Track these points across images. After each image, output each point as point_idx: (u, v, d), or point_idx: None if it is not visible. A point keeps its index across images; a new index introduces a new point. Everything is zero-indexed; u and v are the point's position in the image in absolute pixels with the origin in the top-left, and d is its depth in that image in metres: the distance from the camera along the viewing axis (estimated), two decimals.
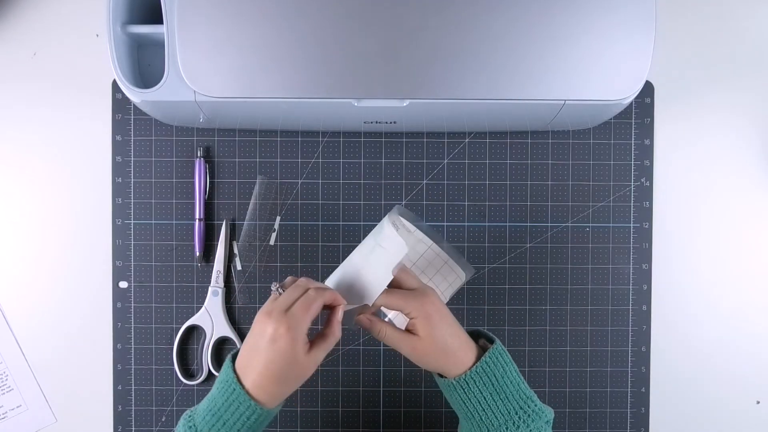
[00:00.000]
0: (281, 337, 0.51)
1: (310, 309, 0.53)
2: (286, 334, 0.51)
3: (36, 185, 0.73)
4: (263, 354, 0.52)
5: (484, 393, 0.56)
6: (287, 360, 0.52)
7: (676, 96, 0.74)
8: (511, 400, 0.56)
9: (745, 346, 0.74)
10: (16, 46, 0.72)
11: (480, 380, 0.56)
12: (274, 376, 0.52)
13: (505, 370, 0.57)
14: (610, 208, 0.74)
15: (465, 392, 0.56)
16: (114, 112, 0.73)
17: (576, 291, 0.74)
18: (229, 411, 0.52)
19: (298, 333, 0.52)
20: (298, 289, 0.54)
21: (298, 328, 0.52)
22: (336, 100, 0.60)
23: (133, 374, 0.73)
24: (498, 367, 0.56)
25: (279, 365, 0.52)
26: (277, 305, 0.53)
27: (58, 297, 0.73)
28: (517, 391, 0.57)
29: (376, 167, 0.74)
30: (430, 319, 0.56)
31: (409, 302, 0.56)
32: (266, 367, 0.52)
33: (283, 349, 0.51)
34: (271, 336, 0.52)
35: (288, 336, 0.51)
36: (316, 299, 0.53)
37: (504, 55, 0.59)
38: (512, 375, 0.57)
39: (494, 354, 0.57)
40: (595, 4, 0.59)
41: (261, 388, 0.52)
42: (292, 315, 0.52)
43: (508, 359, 0.57)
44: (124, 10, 0.62)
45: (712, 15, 0.74)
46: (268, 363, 0.52)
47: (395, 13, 0.59)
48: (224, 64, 0.59)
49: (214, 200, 0.73)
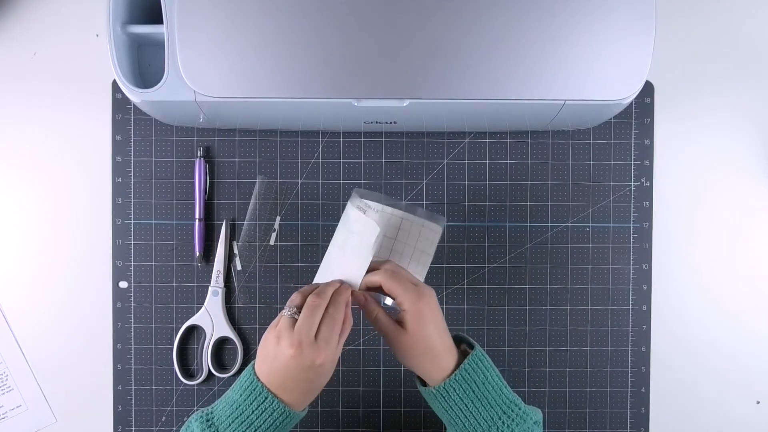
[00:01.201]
0: (322, 367, 0.52)
1: (334, 329, 0.53)
2: (329, 363, 0.53)
3: (36, 185, 0.73)
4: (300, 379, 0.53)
5: (465, 401, 0.55)
6: (326, 378, 0.54)
7: (676, 96, 0.74)
8: (494, 406, 0.56)
9: (745, 346, 0.74)
10: (16, 46, 0.72)
11: (460, 388, 0.55)
12: (308, 391, 0.54)
13: (486, 376, 0.56)
14: (610, 208, 0.74)
15: (446, 400, 0.56)
16: (114, 112, 0.73)
17: (576, 291, 0.74)
18: (260, 417, 0.53)
19: (336, 357, 0.53)
20: (316, 309, 0.54)
21: (335, 354, 0.53)
22: (336, 100, 0.60)
23: (133, 374, 0.73)
24: (479, 374, 0.56)
25: (318, 385, 0.54)
26: (305, 335, 0.52)
27: (58, 297, 0.73)
28: (500, 396, 0.56)
29: (376, 167, 0.74)
30: (420, 316, 0.55)
31: (407, 293, 0.55)
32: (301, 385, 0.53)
33: (326, 375, 0.53)
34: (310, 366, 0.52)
35: (331, 364, 0.53)
36: (339, 313, 0.54)
37: (504, 55, 0.59)
38: (494, 380, 0.56)
39: (474, 360, 0.56)
40: (595, 4, 0.59)
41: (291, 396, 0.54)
42: (326, 343, 0.52)
43: (489, 364, 0.57)
44: (124, 10, 0.62)
45: (712, 15, 0.74)
46: (305, 383, 0.53)
47: (395, 13, 0.59)
48: (224, 64, 0.59)
49: (214, 200, 0.73)
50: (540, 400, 0.74)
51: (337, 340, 0.53)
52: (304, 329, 0.52)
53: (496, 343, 0.74)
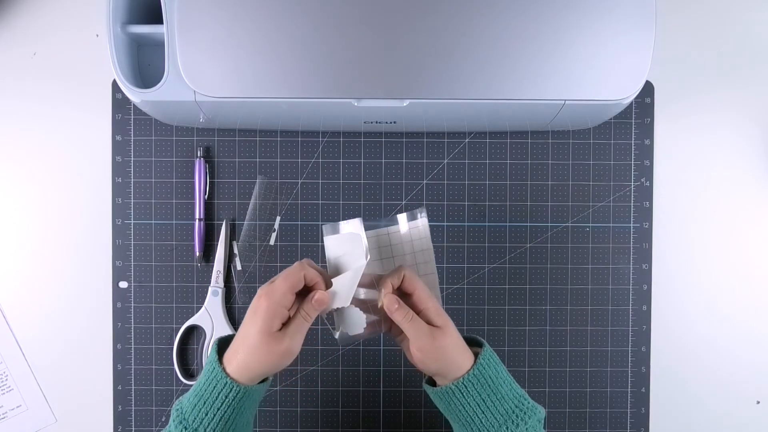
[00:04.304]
0: (259, 308, 0.52)
1: (288, 278, 0.53)
2: (264, 302, 0.52)
3: (36, 185, 0.73)
4: (243, 328, 0.53)
5: (482, 395, 0.56)
6: (260, 335, 0.52)
7: (676, 96, 0.74)
8: (507, 400, 0.56)
9: (745, 346, 0.74)
10: (16, 46, 0.72)
11: (477, 382, 0.56)
12: (248, 350, 0.53)
13: (497, 370, 0.57)
14: (610, 208, 0.74)
15: (464, 396, 0.56)
16: (114, 112, 0.73)
17: (576, 291, 0.74)
18: (209, 390, 0.53)
19: (274, 302, 0.52)
20: (290, 271, 0.54)
21: (274, 297, 0.53)
22: (336, 100, 0.60)
23: (133, 374, 0.73)
24: (491, 368, 0.56)
25: (253, 340, 0.52)
26: (266, 284, 0.54)
27: (58, 297, 0.73)
28: (511, 390, 0.57)
29: (376, 167, 0.74)
30: (442, 310, 0.57)
31: (426, 288, 0.57)
32: (243, 341, 0.53)
33: (259, 323, 0.52)
34: (253, 307, 0.53)
35: (265, 305, 0.52)
36: (296, 272, 0.54)
37: (504, 55, 0.59)
38: (504, 375, 0.57)
39: (486, 355, 0.57)
40: (595, 4, 0.59)
41: (240, 365, 0.53)
42: (273, 289, 0.53)
43: (497, 359, 0.58)
44: (124, 10, 0.62)
45: (712, 15, 0.74)
46: (244, 337, 0.53)
47: (395, 13, 0.59)
48: (224, 64, 0.59)
49: (214, 200, 0.73)
50: (540, 400, 0.74)
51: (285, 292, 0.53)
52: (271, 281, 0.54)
53: (496, 343, 0.74)
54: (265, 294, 0.53)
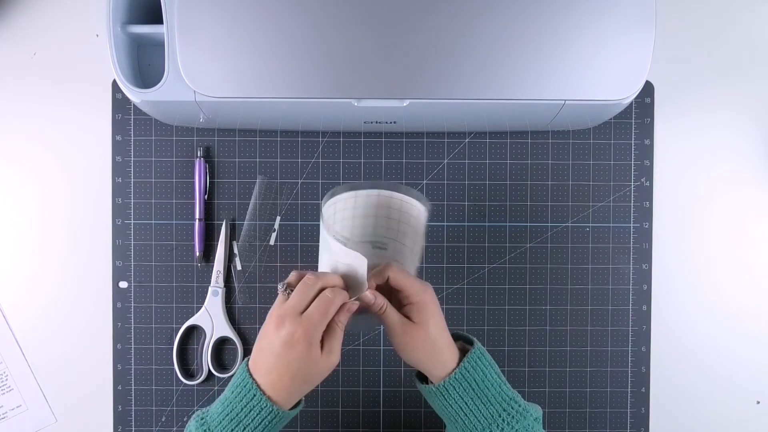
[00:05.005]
0: (298, 342, 0.51)
1: (327, 312, 0.52)
2: (303, 339, 0.51)
3: (36, 185, 0.73)
4: (280, 358, 0.51)
5: (465, 398, 0.55)
6: (305, 363, 0.51)
7: (676, 96, 0.74)
8: (494, 404, 0.55)
9: (745, 346, 0.74)
10: (16, 46, 0.72)
11: (460, 386, 0.55)
12: (293, 378, 0.52)
13: (485, 373, 0.56)
14: (610, 208, 0.74)
15: (446, 398, 0.56)
16: (114, 112, 0.73)
17: (576, 291, 0.74)
18: (249, 416, 0.52)
19: (314, 337, 0.51)
20: (309, 288, 0.53)
21: (314, 332, 0.51)
22: (336, 100, 0.60)
23: (133, 374, 0.73)
24: (478, 371, 0.56)
25: (297, 368, 0.52)
26: (290, 308, 0.52)
27: (58, 297, 0.73)
28: (499, 394, 0.56)
29: (376, 167, 0.74)
30: (426, 307, 0.55)
31: (413, 285, 0.56)
32: (285, 370, 0.52)
33: (300, 353, 0.51)
34: (287, 341, 0.51)
35: (305, 341, 0.51)
36: (333, 302, 0.52)
37: (504, 55, 0.59)
38: (493, 378, 0.56)
39: (473, 357, 0.56)
40: (595, 4, 0.59)
41: (279, 390, 0.52)
42: (309, 319, 0.51)
43: (488, 361, 0.57)
44: (124, 10, 0.62)
45: (712, 15, 0.74)
46: (286, 366, 0.51)
47: (395, 13, 0.59)
48: (224, 64, 0.59)
49: (214, 200, 0.73)
50: (540, 400, 0.74)
51: (324, 324, 0.52)
52: (292, 304, 0.52)
53: (496, 343, 0.74)
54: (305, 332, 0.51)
